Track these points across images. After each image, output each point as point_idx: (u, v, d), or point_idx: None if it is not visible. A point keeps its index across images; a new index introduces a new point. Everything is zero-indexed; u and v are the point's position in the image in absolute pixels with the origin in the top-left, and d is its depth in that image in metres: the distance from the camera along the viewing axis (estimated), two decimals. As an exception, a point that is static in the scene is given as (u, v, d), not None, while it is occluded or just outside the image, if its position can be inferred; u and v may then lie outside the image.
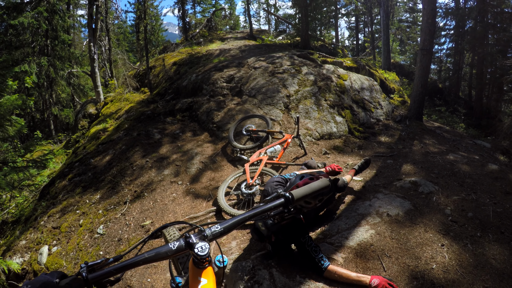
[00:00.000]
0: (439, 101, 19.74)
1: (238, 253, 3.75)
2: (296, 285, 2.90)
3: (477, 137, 10.20)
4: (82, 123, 12.48)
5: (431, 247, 3.36)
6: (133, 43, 29.54)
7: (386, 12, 17.66)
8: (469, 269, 3.06)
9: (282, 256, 3.26)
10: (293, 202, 1.45)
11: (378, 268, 3.14)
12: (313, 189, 1.52)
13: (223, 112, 7.70)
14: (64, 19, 16.62)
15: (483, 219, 3.84)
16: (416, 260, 3.19)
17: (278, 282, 2.91)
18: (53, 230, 5.43)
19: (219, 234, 1.27)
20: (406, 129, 7.94)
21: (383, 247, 3.39)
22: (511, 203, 4.22)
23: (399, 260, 3.21)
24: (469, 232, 3.61)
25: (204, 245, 1.18)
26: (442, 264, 3.12)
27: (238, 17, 35.99)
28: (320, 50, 14.55)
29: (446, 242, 3.42)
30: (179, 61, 13.18)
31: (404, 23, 30.77)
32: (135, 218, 5.06)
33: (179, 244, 1.19)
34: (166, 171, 6.11)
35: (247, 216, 1.35)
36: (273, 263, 3.15)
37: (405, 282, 2.95)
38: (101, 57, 15.90)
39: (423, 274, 3.01)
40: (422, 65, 8.51)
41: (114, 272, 1.07)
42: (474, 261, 3.16)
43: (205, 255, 1.17)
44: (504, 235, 3.55)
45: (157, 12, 26.94)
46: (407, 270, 3.09)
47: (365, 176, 5.38)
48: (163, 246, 1.18)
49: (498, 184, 4.80)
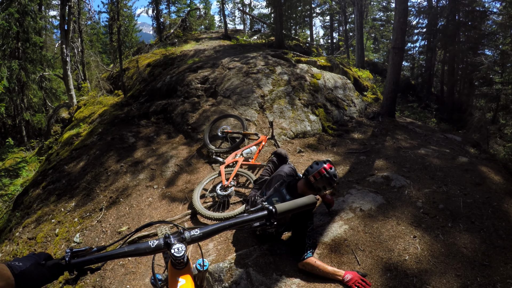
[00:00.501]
0: (412, 97, 20.19)
1: (215, 255, 3.76)
2: (273, 282, 2.94)
3: (448, 131, 10.47)
4: (55, 128, 12.19)
5: (403, 239, 3.46)
6: (106, 45, 29.04)
7: (360, 11, 17.95)
8: (441, 258, 3.18)
9: (259, 255, 3.30)
10: (276, 216, 1.46)
11: (352, 262, 3.22)
12: (298, 205, 1.52)
13: (198, 114, 7.67)
14: (36, 20, 16.21)
15: (454, 210, 3.98)
16: (389, 253, 3.28)
17: (255, 281, 2.95)
18: (29, 241, 5.28)
19: (197, 238, 1.31)
20: (379, 125, 8.09)
21: (356, 242, 3.48)
22: (480, 194, 4.37)
23: (372, 253, 3.30)
24: (441, 223, 3.74)
25: (181, 247, 1.23)
26: (414, 255, 3.22)
27: (213, 17, 35.92)
28: (294, 49, 14.65)
29: (418, 233, 3.54)
30: (153, 62, 13.01)
31: (378, 21, 31.33)
32: (111, 224, 4.98)
33: (158, 243, 1.24)
34: (141, 176, 6.04)
35: (227, 224, 1.38)
36: (250, 262, 3.18)
37: (379, 275, 3.04)
38: (73, 59, 15.50)
39: (396, 266, 3.11)
40: (394, 62, 8.69)
41: (94, 260, 1.13)
42: (446, 250, 3.28)
43: (181, 256, 1.21)
44: (475, 224, 3.69)
45: (130, 13, 26.64)
46: (381, 262, 3.18)
47: (339, 173, 5.47)
48: (143, 243, 1.24)
49: (468, 176, 4.96)
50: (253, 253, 3.35)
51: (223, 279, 3.03)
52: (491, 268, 3.05)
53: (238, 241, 3.94)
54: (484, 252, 3.24)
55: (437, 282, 2.91)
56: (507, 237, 3.48)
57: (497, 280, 2.91)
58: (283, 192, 3.35)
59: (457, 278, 2.94)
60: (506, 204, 4.11)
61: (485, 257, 3.19)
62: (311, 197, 1.55)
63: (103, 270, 4.05)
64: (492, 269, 3.04)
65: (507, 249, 3.28)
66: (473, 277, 2.95)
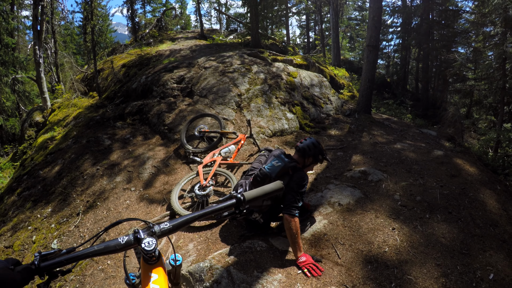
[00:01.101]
0: (387, 95, 20.59)
1: (195, 255, 3.73)
2: (254, 280, 2.92)
3: (423, 127, 10.69)
4: (29, 133, 11.81)
5: (382, 231, 3.50)
6: (80, 45, 28.47)
7: (335, 11, 18.10)
8: (421, 249, 3.23)
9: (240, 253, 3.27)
10: (245, 203, 1.46)
11: (332, 256, 3.23)
12: (266, 191, 1.53)
13: (174, 114, 7.57)
14: (8, 21, 15.61)
15: (431, 201, 4.04)
16: (369, 245, 3.32)
17: (236, 279, 2.92)
18: (6, 249, 5.08)
19: (167, 231, 1.30)
20: (355, 122, 8.18)
21: (336, 236, 3.50)
22: (456, 185, 4.47)
23: (352, 246, 3.33)
24: (418, 214, 3.79)
25: (151, 241, 1.21)
26: (394, 247, 3.26)
27: (189, 16, 35.68)
28: (271, 48, 14.65)
29: (396, 225, 3.58)
30: (128, 63, 12.78)
31: (353, 21, 31.85)
32: (89, 229, 4.86)
33: (128, 238, 1.22)
34: (118, 178, 5.92)
35: (196, 215, 1.38)
36: (230, 261, 3.16)
37: (360, 267, 3.06)
38: (47, 60, 15.05)
39: (377, 258, 3.14)
40: (369, 60, 8.80)
41: (65, 262, 1.11)
42: (424, 241, 3.33)
43: (152, 250, 1.20)
44: (452, 214, 3.76)
45: (105, 12, 26.22)
46: (361, 255, 3.20)
47: (317, 168, 5.50)
48: (113, 240, 1.22)
49: (444, 168, 5.05)
50: (233, 251, 3.31)
51: (204, 278, 2.99)
52: (470, 256, 3.11)
53: (217, 241, 3.90)
54: (463, 241, 3.31)
55: (417, 272, 2.95)
56: (484, 226, 3.56)
57: (476, 268, 2.97)
58: (281, 156, 3.47)
59: (437, 267, 2.98)
60: (482, 194, 4.21)
61: (464, 246, 3.25)
62: (278, 183, 1.57)
63: (82, 275, 3.97)
64: (471, 257, 3.10)
65: (484, 238, 3.36)
66: (453, 265, 3.00)
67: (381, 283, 2.87)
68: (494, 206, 3.98)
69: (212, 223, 4.31)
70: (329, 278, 2.93)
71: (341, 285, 2.86)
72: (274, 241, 3.50)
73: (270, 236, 3.64)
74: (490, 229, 3.51)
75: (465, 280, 2.86)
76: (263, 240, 3.53)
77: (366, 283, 2.88)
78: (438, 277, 2.89)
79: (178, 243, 4.11)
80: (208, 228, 4.24)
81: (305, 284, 2.87)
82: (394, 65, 26.19)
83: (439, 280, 2.87)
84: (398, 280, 2.89)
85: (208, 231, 4.19)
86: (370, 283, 2.87)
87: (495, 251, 3.18)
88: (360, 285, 2.86)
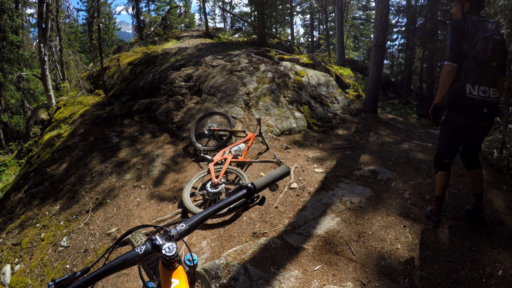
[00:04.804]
0: (392, 94, 20.59)
1: (209, 252, 3.77)
2: (271, 276, 2.96)
3: (429, 126, 10.71)
4: (34, 130, 11.85)
5: (394, 229, 3.56)
6: (85, 43, 28.47)
7: (340, 10, 18.11)
8: (432, 246, 3.29)
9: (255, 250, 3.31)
10: (256, 192, 1.47)
11: (347, 252, 3.28)
12: (274, 177, 1.57)
13: (182, 112, 7.62)
14: (13, 18, 15.58)
15: (440, 200, 4.09)
16: (381, 242, 3.37)
17: (253, 276, 2.95)
18: (14, 247, 5.12)
19: (184, 232, 1.26)
20: (362, 121, 8.21)
21: (349, 233, 3.56)
22: (464, 184, 4.52)
23: (365, 243, 3.38)
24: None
25: (171, 245, 1.16)
26: (406, 244, 3.32)
27: (194, 15, 35.69)
28: (276, 47, 14.69)
29: (407, 223, 3.64)
30: (134, 60, 12.82)
31: (357, 20, 31.83)
32: (99, 226, 4.89)
33: (146, 247, 1.17)
34: (128, 176, 5.97)
35: (211, 211, 1.36)
36: (246, 258, 3.19)
37: (374, 263, 3.11)
38: (52, 58, 15.09)
39: (390, 254, 3.20)
40: (376, 60, 8.81)
41: (83, 285, 1.04)
42: (435, 238, 3.39)
43: (173, 255, 1.16)
44: (460, 213, 3.81)
45: (110, 11, 26.19)
46: (374, 252, 3.26)
47: (326, 168, 5.54)
48: (130, 252, 1.16)
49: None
50: (248, 248, 3.35)
51: (220, 275, 3.01)
52: (479, 253, 3.16)
53: (231, 238, 3.95)
54: (472, 239, 3.35)
55: (429, 268, 3.00)
56: (491, 224, 3.61)
57: (486, 264, 3.02)
58: None
59: (448, 264, 3.04)
60: (489, 193, 4.25)
61: (473, 243, 3.29)
62: (284, 167, 1.63)
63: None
64: (481, 254, 3.15)
65: (492, 236, 3.40)
66: (463, 262, 3.05)
67: (395, 278, 2.92)
68: (501, 205, 4.02)
69: (224, 221, 4.36)
70: (344, 274, 2.98)
71: (357, 280, 2.91)
72: (288, 238, 3.55)
73: (284, 233, 3.70)
74: (498, 228, 3.56)
75: (475, 276, 2.91)
76: (277, 237, 3.58)
77: (381, 278, 2.93)
78: (449, 273, 2.95)
79: (191, 240, 4.15)
80: (220, 225, 4.28)
81: (321, 279, 2.92)
82: (399, 65, 26.14)
83: (450, 275, 2.92)
84: (411, 275, 2.94)
85: (221, 228, 4.23)
86: (384, 279, 2.92)
87: (503, 248, 3.23)
88: (375, 281, 2.91)
